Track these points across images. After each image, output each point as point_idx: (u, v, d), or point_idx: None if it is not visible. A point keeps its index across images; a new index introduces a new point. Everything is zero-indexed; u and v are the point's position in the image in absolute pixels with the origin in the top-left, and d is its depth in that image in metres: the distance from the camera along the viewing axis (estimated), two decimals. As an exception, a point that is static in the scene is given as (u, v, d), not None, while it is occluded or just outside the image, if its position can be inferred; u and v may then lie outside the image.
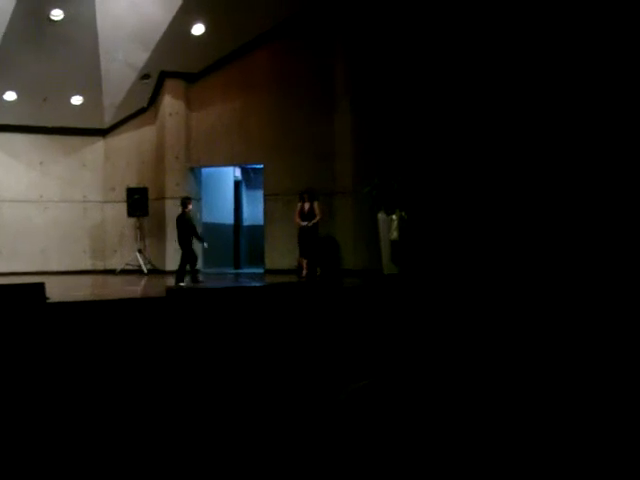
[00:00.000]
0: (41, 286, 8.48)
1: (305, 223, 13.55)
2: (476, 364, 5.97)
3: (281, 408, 5.12)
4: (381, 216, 12.06)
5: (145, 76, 15.96)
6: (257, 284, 13.04)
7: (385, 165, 12.99)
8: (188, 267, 12.88)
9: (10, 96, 15.41)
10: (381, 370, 5.74)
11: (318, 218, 13.59)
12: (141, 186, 16.39)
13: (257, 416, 5.06)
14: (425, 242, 11.92)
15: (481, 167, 11.65)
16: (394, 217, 11.79)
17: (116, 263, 16.53)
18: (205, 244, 12.99)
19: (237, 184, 18.45)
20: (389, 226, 11.87)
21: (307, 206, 13.61)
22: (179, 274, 12.72)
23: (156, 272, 15.97)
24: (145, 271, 15.82)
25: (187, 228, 12.71)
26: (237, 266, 17.82)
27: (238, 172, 18.44)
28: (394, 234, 11.76)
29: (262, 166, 16.26)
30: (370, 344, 7.12)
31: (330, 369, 6.20)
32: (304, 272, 13.44)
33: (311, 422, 3.87)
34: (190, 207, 13.00)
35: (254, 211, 17.92)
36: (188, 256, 12.74)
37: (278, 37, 15.59)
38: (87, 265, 16.78)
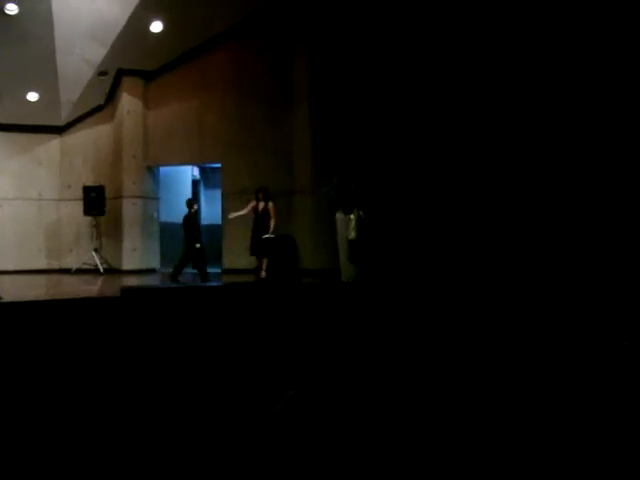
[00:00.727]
0: (-7, 285, 8.38)
1: (267, 236, 13.41)
2: (424, 368, 5.99)
3: (223, 414, 5.08)
4: (339, 216, 12.04)
5: (102, 73, 15.79)
6: (212, 284, 12.97)
7: (344, 164, 12.99)
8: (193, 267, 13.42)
9: (-36, 92, 15.14)
10: (315, 377, 5.72)
11: (274, 222, 13.48)
12: (98, 184, 16.18)
13: (200, 420, 5.02)
14: (382, 241, 11.94)
15: (438, 167, 11.71)
16: (352, 217, 11.78)
17: (72, 262, 16.31)
18: (197, 245, 13.04)
19: (195, 183, 18.34)
20: (347, 226, 11.86)
21: (262, 205, 13.49)
22: (176, 271, 13.16)
23: (113, 271, 15.82)
24: (101, 270, 15.65)
25: (191, 228, 13.11)
26: (195, 265, 17.66)
27: (196, 171, 18.34)
28: (352, 234, 11.74)
29: (220, 165, 16.19)
30: (319, 347, 7.11)
31: (277, 374, 6.17)
32: (262, 273, 13.34)
33: (247, 434, 3.86)
34: (195, 207, 13.42)
35: (212, 210, 17.81)
36: (189, 255, 13.21)
37: (237, 35, 15.55)
38: (42, 264, 16.54)
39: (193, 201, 13.45)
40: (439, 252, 11.19)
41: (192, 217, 13.18)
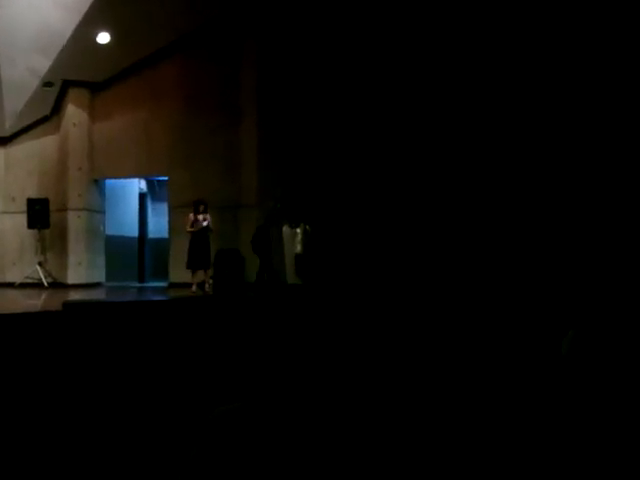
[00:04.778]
0: None
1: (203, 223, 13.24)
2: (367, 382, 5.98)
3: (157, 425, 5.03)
4: (285, 229, 12.04)
5: (48, 84, 15.57)
6: (157, 298, 12.85)
7: (290, 178, 13.00)
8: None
9: None
10: (257, 390, 5.69)
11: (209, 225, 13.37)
12: (42, 197, 15.93)
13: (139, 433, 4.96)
14: (328, 255, 11.95)
15: (384, 180, 11.77)
16: (298, 230, 11.79)
17: (15, 276, 15.99)
18: None
19: (142, 196, 18.19)
20: (293, 239, 11.85)
21: (202, 217, 13.27)
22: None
23: (57, 285, 15.56)
24: (46, 284, 15.39)
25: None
26: (142, 280, 17.53)
27: (143, 184, 18.19)
28: (298, 247, 11.75)
29: (167, 178, 16.08)
30: (265, 361, 7.07)
31: (220, 387, 6.12)
32: (206, 286, 13.25)
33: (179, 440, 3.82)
34: None
35: (159, 223, 17.68)
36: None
37: (184, 47, 15.50)
38: (-16, 278, 16.26)
39: None
40: (385, 264, 11.23)
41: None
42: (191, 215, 13.33)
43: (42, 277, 15.50)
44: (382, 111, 11.98)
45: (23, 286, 15.47)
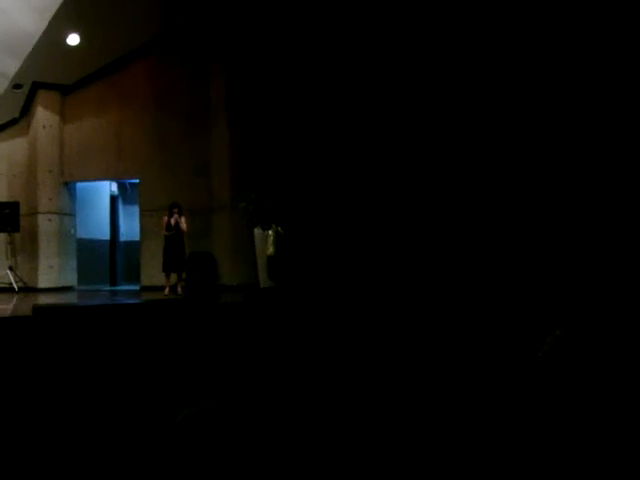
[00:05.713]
0: None
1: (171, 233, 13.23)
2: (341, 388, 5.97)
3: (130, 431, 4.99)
4: (257, 231, 12.02)
5: (17, 86, 15.43)
6: (130, 301, 12.76)
7: (262, 180, 12.97)
8: None
9: None
10: (230, 391, 5.67)
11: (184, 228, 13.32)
12: (12, 200, 15.80)
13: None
14: (300, 257, 11.93)
15: (356, 183, 11.77)
16: (270, 232, 11.76)
17: (-15, 281, 15.87)
18: None
19: (113, 199, 18.08)
20: (265, 241, 11.83)
21: (176, 221, 13.22)
22: None
23: (28, 290, 15.42)
24: (16, 289, 15.24)
25: None
26: (113, 283, 17.43)
27: (114, 187, 18.08)
28: (270, 249, 11.72)
29: (138, 181, 15.99)
30: (238, 363, 7.05)
31: (193, 388, 6.10)
32: (179, 289, 13.20)
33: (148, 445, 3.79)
34: None
35: (131, 226, 17.58)
36: None
37: (155, 50, 15.44)
38: (-46, 282, 16.07)
39: None
40: (357, 267, 11.23)
41: None
42: (165, 218, 13.29)
43: (13, 281, 15.36)
44: (350, 113, 11.99)
45: (-7, 291, 15.33)
